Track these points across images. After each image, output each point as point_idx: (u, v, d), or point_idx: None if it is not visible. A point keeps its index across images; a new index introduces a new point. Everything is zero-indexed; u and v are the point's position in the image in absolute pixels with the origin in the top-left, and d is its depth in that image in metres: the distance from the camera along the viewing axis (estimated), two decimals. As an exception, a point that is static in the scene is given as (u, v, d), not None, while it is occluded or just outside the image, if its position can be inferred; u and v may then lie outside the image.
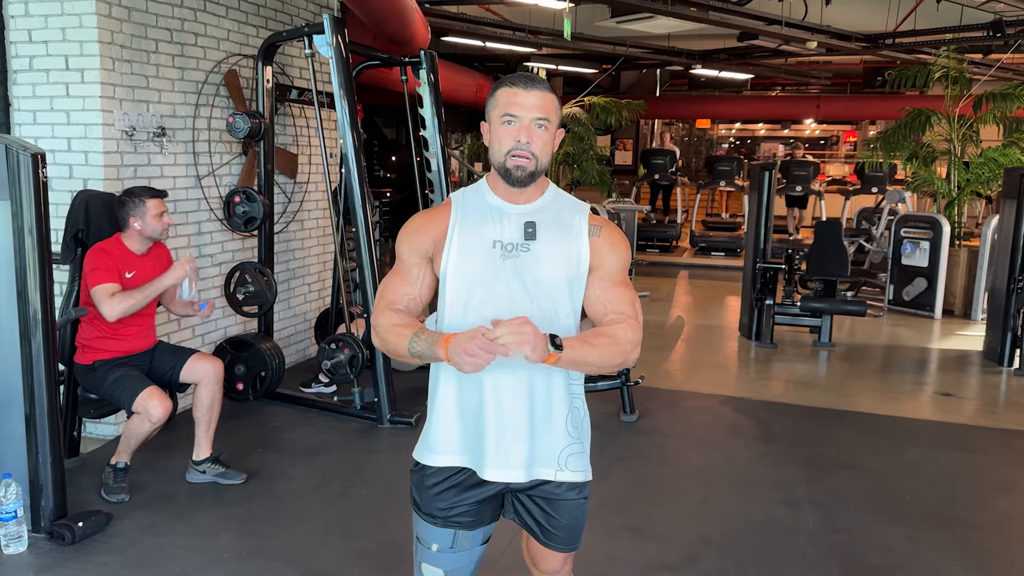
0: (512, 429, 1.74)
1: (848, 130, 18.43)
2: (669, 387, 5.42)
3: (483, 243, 1.73)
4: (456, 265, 1.73)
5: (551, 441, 1.77)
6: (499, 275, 1.71)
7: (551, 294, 1.73)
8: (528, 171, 1.70)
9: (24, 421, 3.09)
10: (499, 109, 1.70)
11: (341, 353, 4.46)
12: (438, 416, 1.80)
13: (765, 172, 6.75)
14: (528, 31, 9.51)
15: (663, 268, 11.08)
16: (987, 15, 8.36)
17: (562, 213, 1.77)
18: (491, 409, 1.73)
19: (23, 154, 2.98)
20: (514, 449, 1.74)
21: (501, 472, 1.75)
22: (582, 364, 1.65)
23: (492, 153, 1.73)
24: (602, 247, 1.76)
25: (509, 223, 1.74)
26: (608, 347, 1.67)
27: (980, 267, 7.69)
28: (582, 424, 1.83)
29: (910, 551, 3.20)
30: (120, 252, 3.48)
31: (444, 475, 1.80)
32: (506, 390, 1.73)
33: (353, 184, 4.44)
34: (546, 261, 1.72)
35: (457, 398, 1.77)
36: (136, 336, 3.58)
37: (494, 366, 1.65)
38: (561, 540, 1.86)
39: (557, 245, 1.73)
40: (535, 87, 1.69)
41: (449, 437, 1.78)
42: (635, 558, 3.10)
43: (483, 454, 1.75)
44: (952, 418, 4.92)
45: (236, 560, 3.02)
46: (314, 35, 4.40)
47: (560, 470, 1.78)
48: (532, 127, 1.68)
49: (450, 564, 1.83)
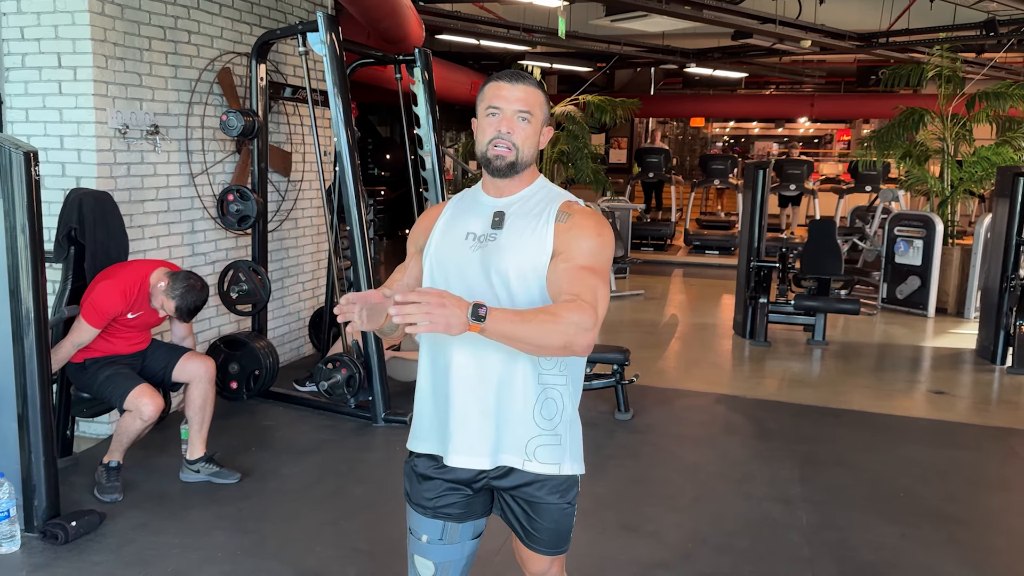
0: (476, 415, 1.73)
1: (842, 129, 18.46)
2: (663, 385, 5.43)
3: (459, 235, 1.77)
4: (434, 256, 1.79)
5: (517, 429, 1.74)
6: (467, 265, 1.74)
7: (516, 282, 1.70)
8: (508, 161, 1.71)
9: (17, 420, 3.07)
10: (485, 103, 1.74)
11: (338, 373, 4.47)
12: (416, 403, 1.86)
13: (759, 171, 6.76)
14: (522, 29, 9.51)
15: (657, 267, 11.09)
16: (980, 14, 8.39)
17: (538, 203, 1.76)
18: (456, 395, 1.74)
19: (15, 152, 2.96)
20: (479, 434, 1.73)
21: (465, 458, 1.74)
22: (514, 339, 1.52)
23: (476, 145, 1.77)
24: (568, 232, 1.68)
25: (484, 215, 1.77)
26: (546, 324, 1.52)
27: (973, 265, 7.71)
28: (558, 417, 1.77)
29: (903, 548, 3.21)
30: (141, 292, 3.47)
31: (429, 463, 1.83)
32: (470, 376, 1.73)
33: (347, 182, 4.43)
34: (509, 250, 1.71)
35: (431, 384, 1.81)
36: (130, 343, 3.58)
37: (460, 351, 1.71)
38: (543, 543, 1.84)
39: (521, 234, 1.71)
40: (520, 82, 1.72)
41: (423, 422, 1.83)
42: (629, 556, 3.10)
43: (448, 440, 1.76)
44: (945, 416, 4.94)
45: (230, 559, 3.01)
46: (308, 33, 4.39)
47: (528, 460, 1.75)
48: (514, 119, 1.71)
49: (440, 556, 1.83)
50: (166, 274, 3.48)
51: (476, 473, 1.78)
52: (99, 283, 3.45)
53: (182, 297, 3.44)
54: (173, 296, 3.43)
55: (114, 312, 3.40)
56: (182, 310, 3.46)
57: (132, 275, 3.48)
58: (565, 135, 10.64)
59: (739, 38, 9.24)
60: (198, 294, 3.48)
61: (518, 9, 9.35)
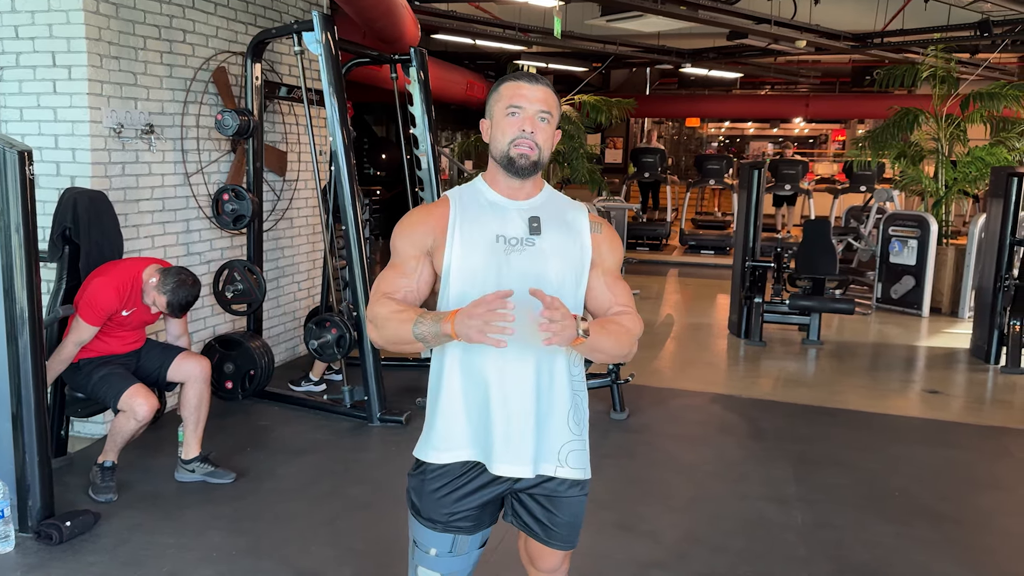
0: (519, 422, 1.72)
1: (837, 129, 18.52)
2: (659, 385, 5.44)
3: (486, 238, 1.73)
4: (460, 261, 1.72)
5: (554, 436, 1.76)
6: (504, 270, 1.71)
7: (556, 289, 1.72)
8: (532, 160, 1.72)
9: (11, 420, 3.06)
10: (503, 102, 1.73)
11: (328, 333, 4.43)
12: (443, 411, 1.76)
13: (754, 171, 6.77)
14: (518, 29, 9.51)
15: (653, 266, 11.10)
16: (974, 15, 8.42)
17: (563, 211, 1.81)
18: (497, 401, 1.72)
19: (9, 151, 2.95)
20: (522, 443, 1.73)
21: (510, 467, 1.73)
22: (598, 351, 1.69)
23: (494, 145, 1.74)
24: (603, 244, 1.82)
25: (511, 218, 1.75)
26: (622, 336, 1.73)
27: (967, 265, 7.74)
28: (584, 421, 1.84)
29: (897, 547, 3.22)
30: (134, 289, 3.46)
31: (449, 476, 1.77)
32: (512, 382, 1.72)
33: (343, 182, 4.43)
34: (552, 256, 1.74)
35: (463, 391, 1.75)
36: (124, 342, 3.57)
37: (499, 358, 1.68)
38: (561, 538, 1.86)
39: (562, 241, 1.76)
40: (539, 83, 1.74)
41: (456, 431, 1.75)
42: (625, 556, 3.11)
43: (491, 447, 1.73)
44: (939, 415, 4.96)
45: (225, 559, 3.01)
46: (303, 32, 4.38)
47: (560, 466, 1.77)
48: (536, 119, 1.72)
49: (448, 568, 1.81)
50: (157, 270, 3.48)
51: (513, 481, 1.78)
52: (92, 281, 3.44)
53: (173, 292, 3.43)
54: (164, 291, 3.42)
55: (110, 308, 3.39)
56: (173, 305, 3.45)
57: (125, 272, 3.47)
58: (561, 135, 10.65)
59: (734, 38, 9.26)
60: (189, 289, 3.48)
61: (514, 9, 9.35)
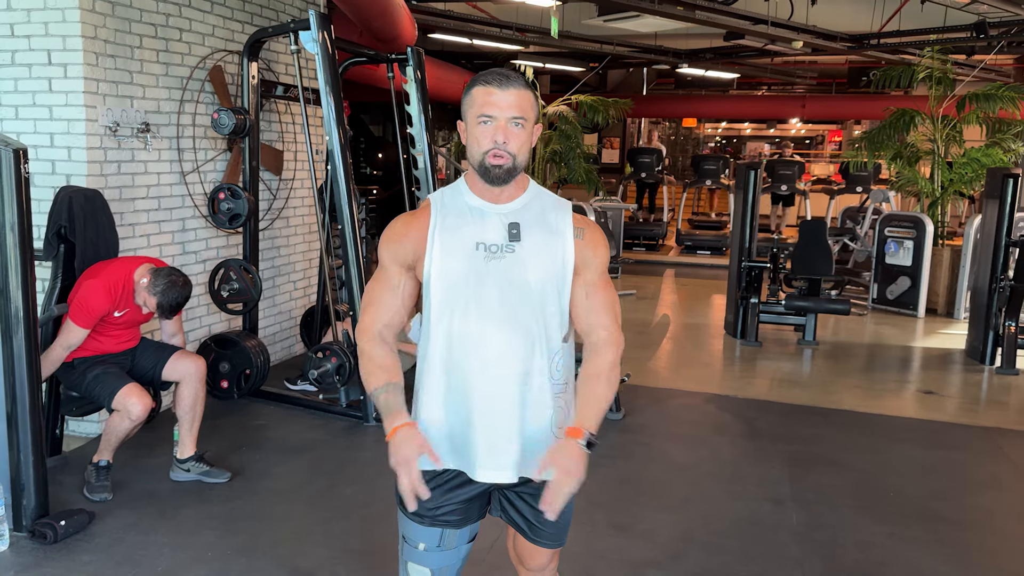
0: (503, 433, 1.74)
1: (833, 130, 18.53)
2: (654, 385, 5.44)
3: (466, 245, 1.71)
4: (439, 268, 1.72)
5: (537, 443, 1.77)
6: (484, 277, 1.70)
7: (538, 295, 1.72)
8: (506, 168, 1.69)
9: (6, 419, 3.06)
10: (475, 109, 1.68)
11: (328, 362, 4.45)
12: (425, 422, 1.78)
13: (751, 171, 6.78)
14: (515, 29, 9.51)
15: (649, 266, 11.11)
16: (971, 16, 8.44)
17: (545, 212, 1.77)
18: (480, 414, 1.73)
19: (5, 149, 2.95)
20: (505, 451, 1.74)
21: (492, 473, 1.75)
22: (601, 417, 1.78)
23: (470, 152, 1.72)
24: (586, 249, 1.76)
25: (491, 223, 1.73)
26: (608, 389, 1.77)
27: (963, 266, 7.75)
28: (565, 423, 1.82)
29: (892, 547, 3.23)
30: (126, 289, 3.45)
31: (429, 476, 1.78)
32: (497, 397, 1.73)
33: (339, 181, 4.43)
34: (532, 262, 1.71)
35: (444, 404, 1.76)
36: (118, 341, 3.56)
37: (477, 376, 1.72)
38: (549, 536, 1.86)
39: (542, 246, 1.73)
40: (511, 85, 1.67)
41: (437, 443, 1.76)
42: (620, 555, 3.11)
43: (474, 456, 1.75)
44: (934, 416, 4.97)
45: (220, 559, 3.00)
46: (300, 31, 4.37)
47: (543, 471, 1.77)
48: (508, 126, 1.67)
49: (437, 563, 1.82)
50: (149, 270, 3.47)
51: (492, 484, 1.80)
52: (83, 283, 3.43)
53: (163, 293, 3.42)
54: (155, 292, 3.42)
55: (101, 311, 3.38)
56: (163, 307, 3.44)
57: (116, 272, 3.47)
58: (558, 135, 10.65)
59: (731, 39, 9.28)
60: (180, 290, 3.47)
61: (511, 8, 9.35)
